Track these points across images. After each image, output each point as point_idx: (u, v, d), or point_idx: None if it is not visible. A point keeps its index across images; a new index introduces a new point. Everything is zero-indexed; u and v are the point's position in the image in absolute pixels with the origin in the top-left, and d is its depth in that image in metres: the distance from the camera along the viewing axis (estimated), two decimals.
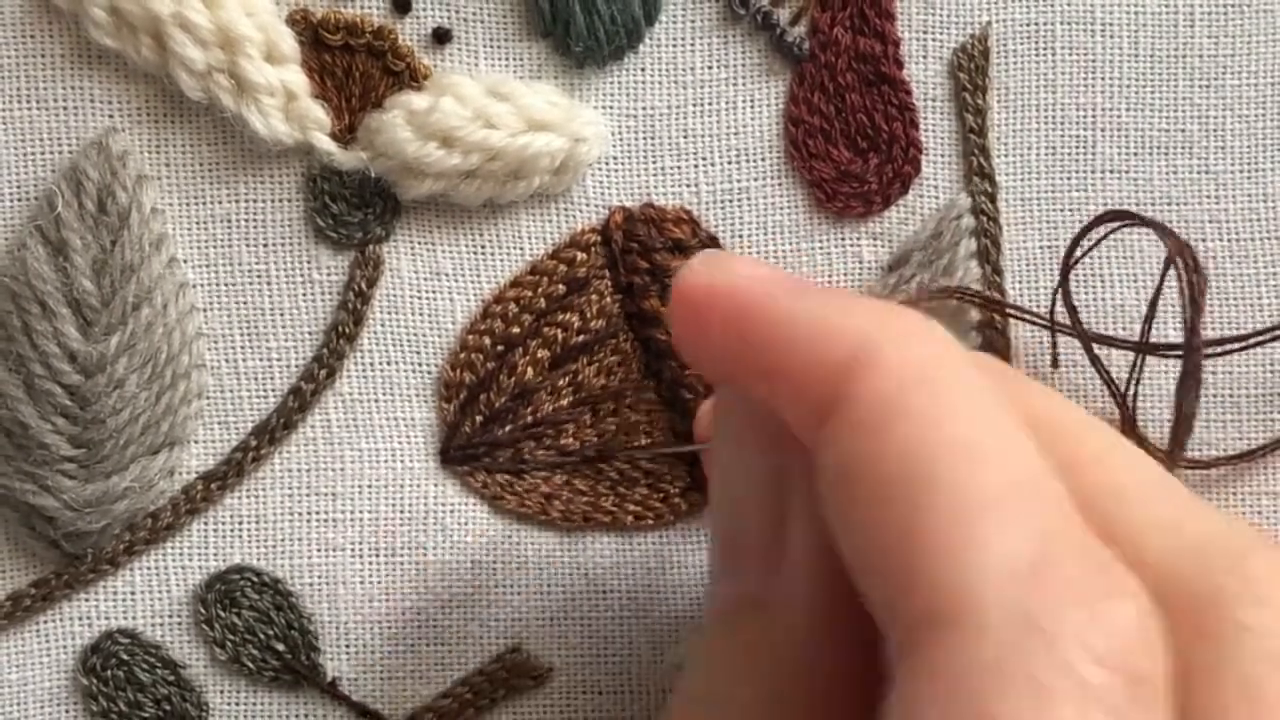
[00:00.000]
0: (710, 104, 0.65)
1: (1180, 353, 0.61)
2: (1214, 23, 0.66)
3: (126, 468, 0.63)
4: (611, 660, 0.66)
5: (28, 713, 0.64)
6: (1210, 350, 0.62)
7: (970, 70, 0.65)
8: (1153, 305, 0.63)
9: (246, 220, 0.64)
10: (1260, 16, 0.66)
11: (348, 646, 0.65)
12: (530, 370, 0.64)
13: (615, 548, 0.66)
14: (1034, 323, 0.64)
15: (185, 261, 0.64)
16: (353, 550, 0.65)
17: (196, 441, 0.65)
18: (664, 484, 0.65)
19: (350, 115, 0.64)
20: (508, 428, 0.65)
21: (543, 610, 0.66)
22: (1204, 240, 0.66)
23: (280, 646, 0.65)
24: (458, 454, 0.65)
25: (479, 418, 0.65)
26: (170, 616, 0.65)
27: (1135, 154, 0.66)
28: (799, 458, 0.46)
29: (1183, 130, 0.66)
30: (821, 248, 0.66)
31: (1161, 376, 0.65)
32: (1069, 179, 0.66)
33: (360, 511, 0.65)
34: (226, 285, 0.64)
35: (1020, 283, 0.66)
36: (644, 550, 0.66)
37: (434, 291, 0.65)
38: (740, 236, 0.65)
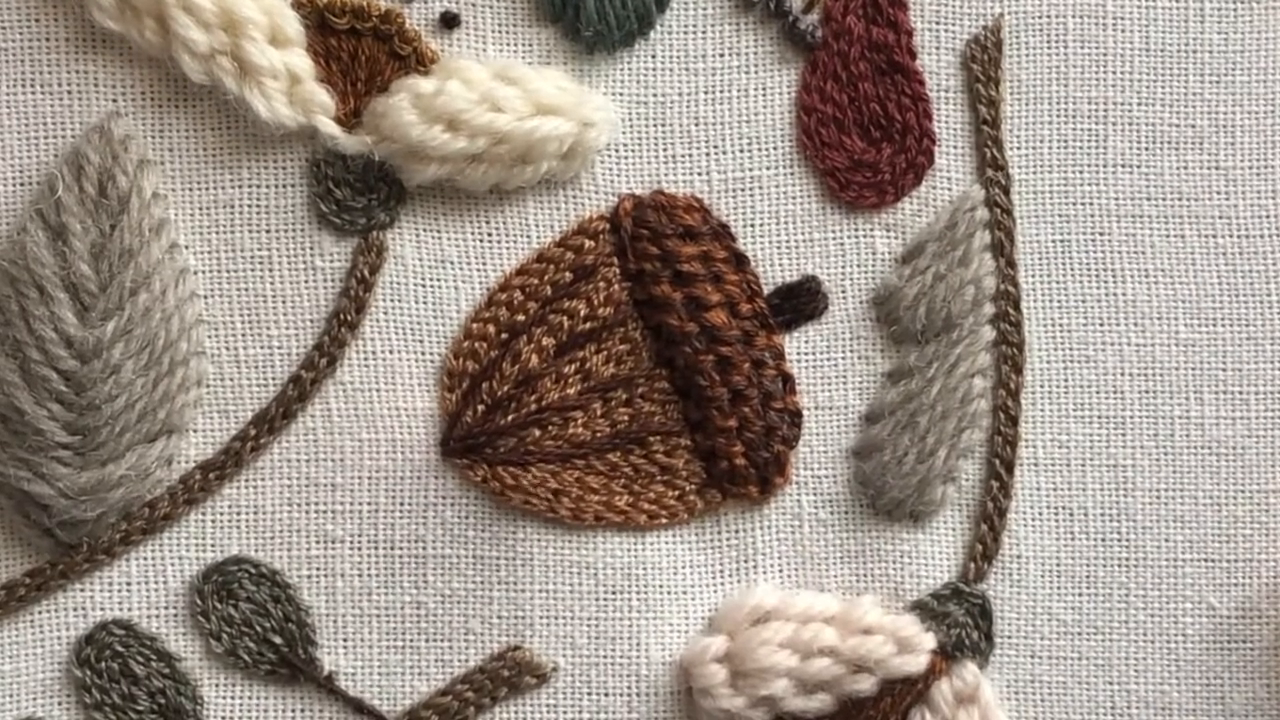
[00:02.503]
0: (722, 91, 0.64)
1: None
2: (1224, 19, 0.66)
3: (123, 455, 0.62)
4: (619, 661, 0.65)
5: (20, 704, 0.63)
6: None
7: (984, 62, 0.65)
8: None
9: (249, 205, 0.63)
10: (1271, 13, 0.66)
11: (346, 641, 0.64)
12: (535, 357, 0.64)
13: (625, 545, 0.65)
14: None
15: (186, 247, 0.63)
16: (352, 543, 0.64)
17: (195, 430, 0.64)
18: (680, 480, 0.65)
19: (356, 99, 0.63)
20: (510, 416, 0.64)
21: (547, 608, 0.65)
22: (1214, 235, 0.66)
23: (277, 639, 0.64)
24: (458, 445, 0.64)
25: (481, 406, 0.64)
26: (166, 608, 0.64)
27: (1146, 148, 0.66)
28: None
29: (1193, 125, 0.66)
30: (834, 238, 0.65)
31: None
32: (1081, 173, 0.65)
33: (360, 503, 0.64)
34: (228, 271, 0.63)
35: (1033, 276, 0.65)
36: (655, 548, 0.65)
37: (438, 279, 0.64)
38: (752, 225, 0.65)
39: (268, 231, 0.63)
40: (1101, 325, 0.66)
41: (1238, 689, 0.67)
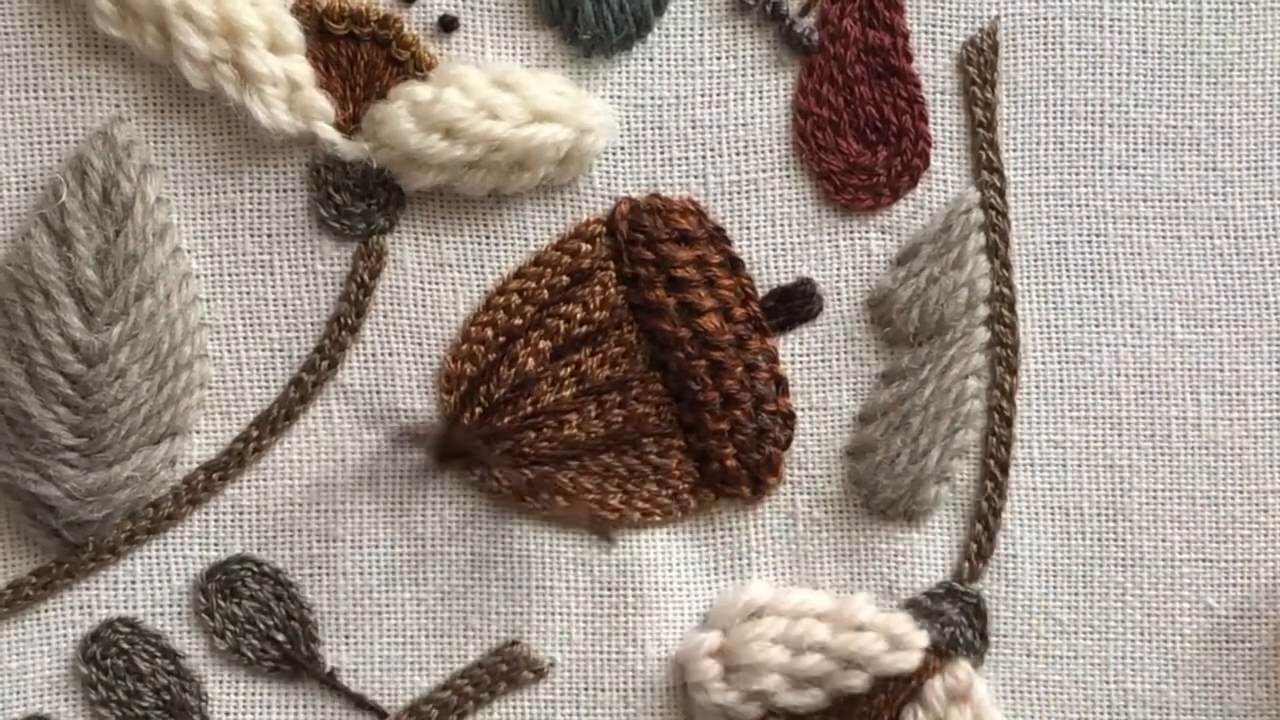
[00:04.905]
0: (719, 95, 0.64)
1: None
2: (1221, 20, 0.65)
3: (128, 457, 0.63)
4: (615, 657, 0.65)
5: (27, 700, 0.64)
6: None
7: (979, 64, 0.65)
8: None
9: (250, 210, 0.64)
10: (1268, 14, 0.66)
11: (347, 637, 0.65)
12: (531, 361, 0.64)
13: (621, 543, 0.65)
14: None
15: (189, 251, 0.64)
16: (353, 541, 0.65)
17: (198, 431, 0.65)
18: (673, 480, 0.65)
19: (355, 105, 0.63)
20: (506, 419, 0.64)
21: (544, 604, 0.65)
22: (1210, 236, 0.66)
23: (280, 637, 0.65)
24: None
25: (478, 409, 0.64)
26: (171, 606, 0.65)
27: (1143, 150, 0.66)
28: None
29: (1190, 127, 0.66)
30: (829, 240, 0.65)
31: None
32: (1077, 174, 0.66)
33: (360, 503, 0.65)
34: (229, 275, 0.64)
35: (1028, 277, 0.66)
36: (651, 546, 0.65)
37: (437, 283, 0.65)
38: (748, 228, 0.65)
39: (269, 236, 0.64)
40: (1098, 326, 0.66)
41: (1236, 689, 0.67)
